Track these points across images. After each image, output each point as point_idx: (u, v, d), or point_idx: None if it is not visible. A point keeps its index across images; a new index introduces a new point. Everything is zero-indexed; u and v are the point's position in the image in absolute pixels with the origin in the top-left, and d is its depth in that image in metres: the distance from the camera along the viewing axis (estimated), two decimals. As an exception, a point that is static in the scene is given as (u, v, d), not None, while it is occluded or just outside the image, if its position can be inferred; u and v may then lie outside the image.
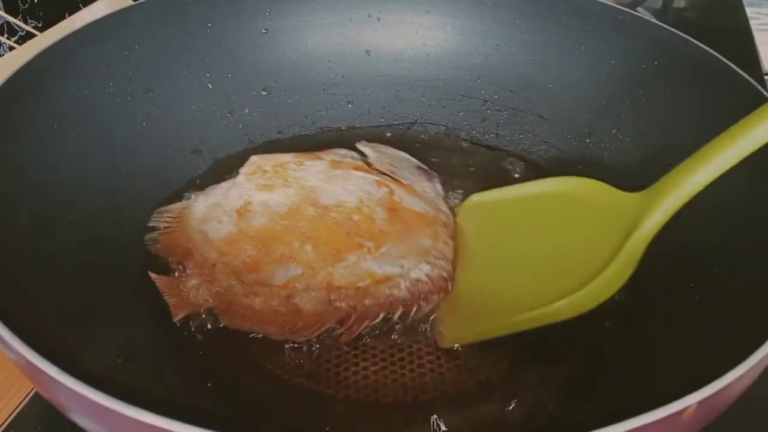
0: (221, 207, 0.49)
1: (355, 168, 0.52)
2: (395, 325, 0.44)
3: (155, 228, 0.48)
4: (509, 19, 0.61)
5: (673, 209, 0.38)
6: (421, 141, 0.61)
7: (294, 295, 0.43)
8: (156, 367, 0.40)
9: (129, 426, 0.26)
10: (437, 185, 0.54)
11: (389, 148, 0.57)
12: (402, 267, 0.45)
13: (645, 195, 0.40)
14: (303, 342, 0.43)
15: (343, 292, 0.44)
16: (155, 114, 0.54)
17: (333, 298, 0.43)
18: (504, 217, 0.48)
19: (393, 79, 0.63)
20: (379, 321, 0.43)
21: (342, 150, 0.55)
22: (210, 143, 0.56)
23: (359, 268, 0.45)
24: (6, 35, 0.63)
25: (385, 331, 0.44)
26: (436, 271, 0.46)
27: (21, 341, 0.28)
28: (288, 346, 0.43)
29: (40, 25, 0.66)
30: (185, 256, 0.46)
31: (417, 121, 0.63)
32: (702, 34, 0.48)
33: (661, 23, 0.54)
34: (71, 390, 0.27)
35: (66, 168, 0.45)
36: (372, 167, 0.53)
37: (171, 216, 0.49)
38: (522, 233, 0.47)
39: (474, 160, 0.59)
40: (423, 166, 0.56)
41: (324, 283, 0.44)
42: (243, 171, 0.51)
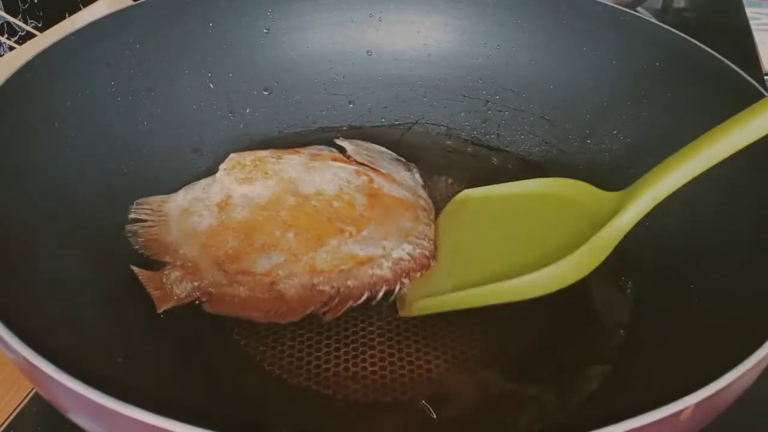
0: (202, 201, 0.49)
1: (334, 159, 0.53)
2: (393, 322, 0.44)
3: (136, 220, 0.48)
4: (510, 20, 0.61)
5: (645, 208, 0.39)
6: (422, 141, 0.61)
7: (277, 282, 0.44)
8: (155, 367, 0.40)
9: (128, 426, 0.26)
10: (416, 175, 0.55)
11: (366, 142, 0.58)
12: (384, 248, 0.46)
13: (623, 194, 0.41)
14: (302, 341, 0.43)
15: (326, 275, 0.44)
16: (156, 113, 0.54)
17: (316, 282, 0.44)
18: (489, 211, 0.50)
19: (394, 80, 0.63)
20: (364, 300, 0.44)
21: (320, 146, 0.56)
22: (211, 143, 0.56)
23: (341, 251, 0.45)
24: (6, 35, 0.63)
25: (385, 330, 0.44)
26: (418, 251, 0.46)
27: (20, 341, 0.28)
28: (287, 344, 0.43)
29: (40, 25, 0.66)
30: (167, 251, 0.46)
31: (418, 122, 0.63)
32: (702, 34, 0.48)
33: (662, 23, 0.54)
34: (70, 390, 0.27)
35: (66, 167, 0.45)
36: (351, 159, 0.54)
37: (150, 208, 0.49)
38: (503, 224, 0.48)
39: (475, 160, 0.59)
40: (400, 158, 0.57)
41: (307, 269, 0.45)
42: (222, 167, 0.52)
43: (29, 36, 0.65)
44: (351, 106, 0.63)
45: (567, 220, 0.44)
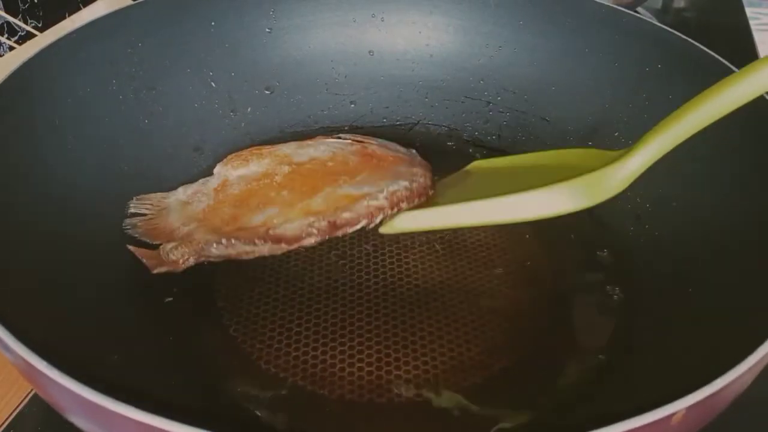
0: (201, 192, 0.50)
1: (326, 137, 0.54)
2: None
3: (136, 214, 0.49)
4: (512, 21, 0.61)
5: (654, 155, 0.39)
6: (424, 142, 0.61)
7: (273, 228, 0.44)
8: (153, 367, 0.40)
9: (128, 426, 0.26)
10: (412, 150, 0.55)
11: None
12: (379, 186, 0.46)
13: (632, 147, 0.40)
14: (299, 339, 0.43)
15: (322, 215, 0.44)
16: (157, 112, 0.54)
17: (312, 220, 0.44)
18: (495, 176, 0.50)
19: (396, 80, 0.63)
20: (360, 227, 0.44)
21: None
22: (212, 142, 0.56)
23: (336, 194, 0.46)
24: (6, 35, 0.63)
25: (381, 330, 0.44)
26: (415, 184, 0.47)
27: (17, 340, 0.29)
28: (284, 343, 0.43)
29: (40, 25, 0.66)
30: (166, 236, 0.47)
31: (419, 122, 0.63)
32: (702, 34, 0.48)
33: (663, 25, 0.54)
34: (68, 389, 0.27)
35: (67, 167, 0.45)
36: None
37: (150, 203, 0.50)
38: (508, 183, 0.47)
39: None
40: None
41: (302, 213, 0.45)
42: (219, 165, 0.53)
43: (29, 36, 0.65)
44: (353, 106, 0.63)
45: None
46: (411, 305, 0.46)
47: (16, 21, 0.63)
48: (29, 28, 0.65)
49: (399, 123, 0.63)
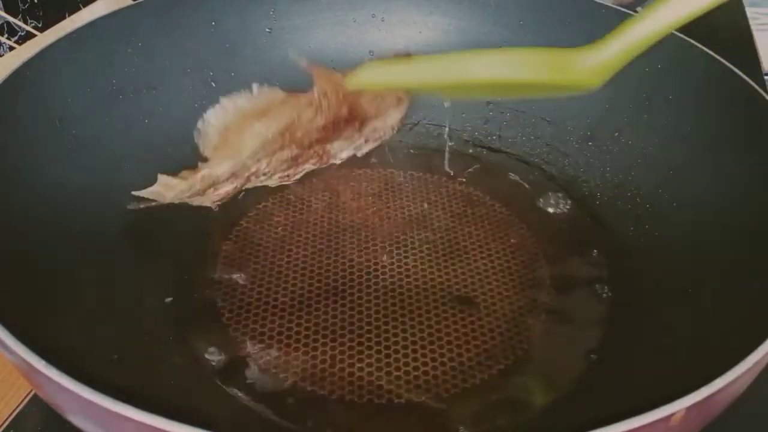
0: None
1: None
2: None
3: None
4: (512, 21, 0.60)
5: (635, 44, 0.38)
6: (424, 142, 0.61)
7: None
8: (154, 367, 0.40)
9: (128, 426, 0.26)
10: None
11: None
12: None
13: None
14: (298, 339, 0.43)
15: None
16: (157, 112, 0.54)
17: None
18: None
19: (396, 80, 0.63)
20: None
21: None
22: (212, 142, 0.56)
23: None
24: (6, 35, 0.63)
25: (381, 331, 0.44)
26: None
27: (17, 340, 0.29)
28: (283, 344, 0.43)
29: (40, 25, 0.66)
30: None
31: (419, 122, 0.63)
32: (702, 33, 0.48)
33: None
34: (67, 389, 0.27)
35: (67, 166, 0.45)
36: None
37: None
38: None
39: (476, 161, 0.59)
40: None
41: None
42: None
43: (29, 36, 0.65)
44: (352, 106, 0.63)
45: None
46: (410, 306, 0.46)
47: (16, 21, 0.63)
48: (29, 28, 0.65)
49: (399, 123, 0.63)
